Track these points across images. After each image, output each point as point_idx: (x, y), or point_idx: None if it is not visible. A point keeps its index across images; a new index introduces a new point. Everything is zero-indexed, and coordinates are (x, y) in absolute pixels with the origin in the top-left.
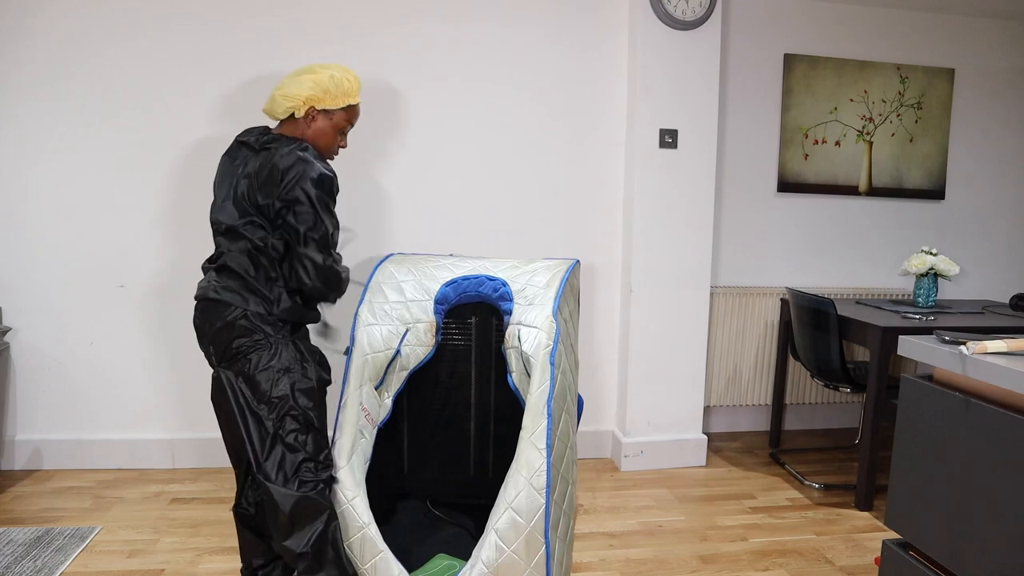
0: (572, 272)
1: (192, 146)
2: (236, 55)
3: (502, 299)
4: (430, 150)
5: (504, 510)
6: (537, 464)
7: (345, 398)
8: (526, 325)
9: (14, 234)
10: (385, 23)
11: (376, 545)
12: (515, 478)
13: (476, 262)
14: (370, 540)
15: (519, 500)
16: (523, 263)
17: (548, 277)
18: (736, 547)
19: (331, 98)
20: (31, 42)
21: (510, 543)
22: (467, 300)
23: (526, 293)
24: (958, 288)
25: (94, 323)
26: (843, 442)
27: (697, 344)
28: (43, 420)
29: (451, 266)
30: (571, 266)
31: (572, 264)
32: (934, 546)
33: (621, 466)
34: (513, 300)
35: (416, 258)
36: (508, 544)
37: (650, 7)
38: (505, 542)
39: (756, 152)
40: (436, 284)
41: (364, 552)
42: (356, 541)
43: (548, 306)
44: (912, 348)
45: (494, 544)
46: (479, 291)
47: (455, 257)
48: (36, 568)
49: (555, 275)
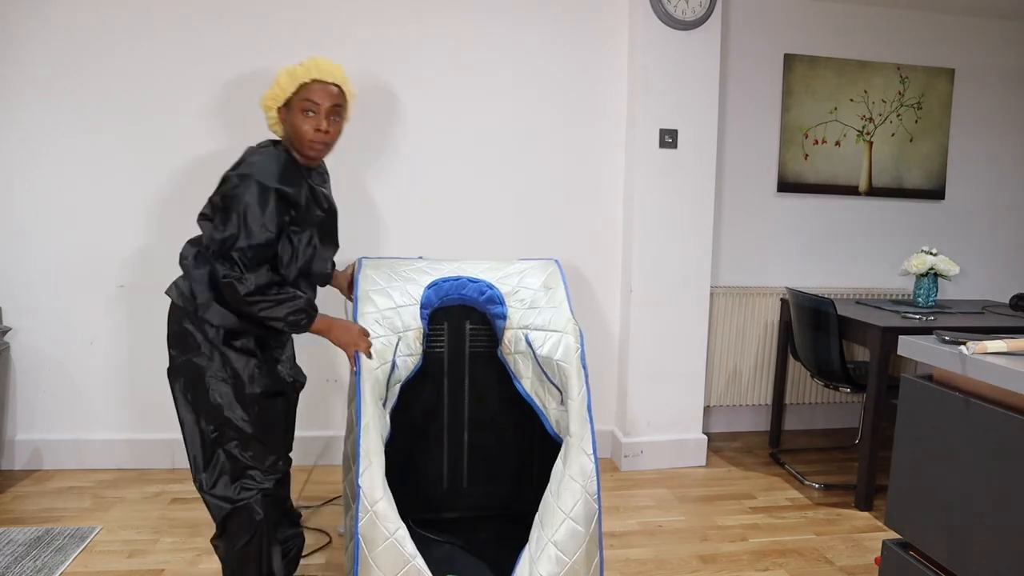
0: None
1: (193, 146)
2: (236, 56)
3: (490, 302)
4: (428, 150)
5: (563, 520)
6: (589, 470)
7: (365, 422)
8: (538, 329)
9: (14, 234)
10: (384, 22)
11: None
12: (570, 487)
13: (451, 264)
14: (418, 572)
15: (577, 509)
16: (502, 264)
17: (542, 278)
18: (736, 547)
19: (283, 89)
20: (33, 44)
21: (571, 553)
22: (449, 303)
23: (521, 296)
24: (958, 288)
25: (94, 323)
26: (843, 442)
27: (697, 344)
28: (43, 420)
29: (427, 269)
30: (559, 267)
31: (557, 264)
32: (934, 546)
33: (621, 466)
34: (505, 303)
35: (391, 262)
36: (569, 555)
37: (650, 7)
38: (566, 553)
39: (756, 152)
40: (419, 288)
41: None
42: (404, 575)
43: (564, 308)
44: (912, 348)
45: (554, 557)
46: (462, 294)
47: (427, 260)
48: (36, 568)
49: (550, 276)
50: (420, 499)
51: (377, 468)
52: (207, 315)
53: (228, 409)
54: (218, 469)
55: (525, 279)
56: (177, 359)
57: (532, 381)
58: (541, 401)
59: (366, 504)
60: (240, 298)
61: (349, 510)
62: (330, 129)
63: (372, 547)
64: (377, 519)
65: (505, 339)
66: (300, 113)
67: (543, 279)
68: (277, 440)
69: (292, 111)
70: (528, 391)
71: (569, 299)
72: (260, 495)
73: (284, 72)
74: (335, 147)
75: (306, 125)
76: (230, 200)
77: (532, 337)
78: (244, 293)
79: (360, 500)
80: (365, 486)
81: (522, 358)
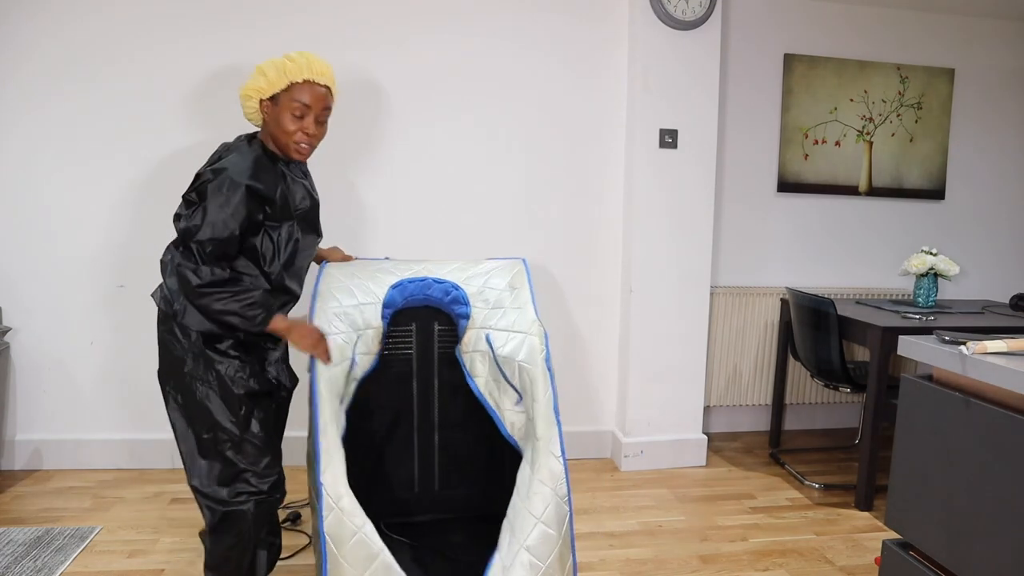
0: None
1: (193, 147)
2: (237, 57)
3: (455, 303)
4: (424, 150)
5: (534, 525)
6: (559, 472)
7: (322, 422)
8: (501, 329)
9: (15, 234)
10: (383, 21)
11: (393, 570)
12: (540, 490)
13: (418, 264)
14: (386, 566)
15: (548, 512)
16: (470, 264)
17: (508, 279)
18: (736, 547)
19: (270, 83)
20: (34, 45)
21: (544, 558)
22: (413, 304)
23: (486, 296)
24: (958, 288)
25: (94, 323)
26: (843, 442)
27: (697, 344)
28: (43, 420)
29: (392, 269)
30: (526, 266)
31: (524, 263)
32: (934, 546)
33: (621, 466)
34: (470, 304)
35: (357, 263)
36: (543, 559)
37: (650, 7)
38: (540, 558)
39: (756, 152)
40: (383, 288)
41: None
42: (374, 570)
43: (528, 309)
44: (912, 348)
45: (528, 563)
46: (427, 294)
47: (393, 261)
48: (36, 568)
49: (516, 276)
50: (391, 502)
51: (338, 465)
52: (185, 320)
53: (217, 412)
54: (212, 472)
55: (491, 279)
56: (164, 363)
57: (487, 380)
58: (495, 401)
59: (330, 502)
60: (192, 289)
61: (314, 509)
62: (317, 132)
63: (340, 544)
64: (343, 515)
65: (465, 338)
66: (287, 112)
67: (509, 279)
68: (269, 442)
69: (278, 107)
70: (482, 390)
71: (534, 299)
72: (254, 500)
73: (272, 65)
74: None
75: (293, 126)
76: (200, 195)
77: (493, 337)
78: (195, 284)
79: (323, 498)
80: (327, 484)
81: (480, 356)
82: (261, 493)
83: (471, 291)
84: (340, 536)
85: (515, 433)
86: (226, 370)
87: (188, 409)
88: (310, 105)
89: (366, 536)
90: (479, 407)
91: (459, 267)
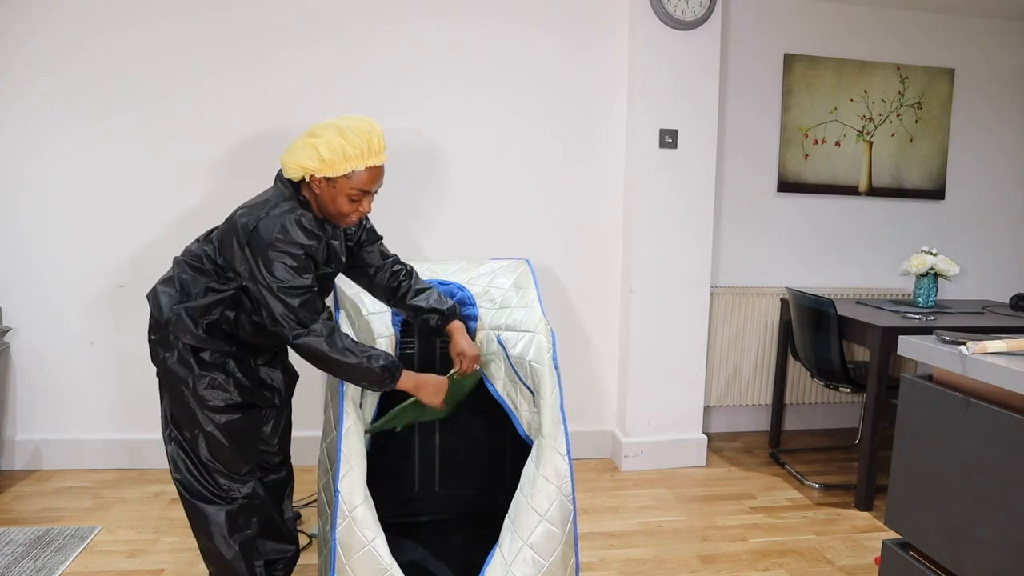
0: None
1: (193, 146)
2: (237, 52)
3: (461, 304)
4: (424, 150)
5: (538, 522)
6: (564, 471)
7: (347, 426)
8: (510, 329)
9: (14, 234)
10: (381, 20)
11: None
12: (544, 488)
13: (421, 266)
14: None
15: (553, 510)
16: (472, 265)
17: (513, 278)
18: (736, 547)
19: (327, 166)
20: (33, 44)
21: (548, 555)
22: None
23: (492, 296)
24: (958, 288)
25: (94, 323)
26: (843, 442)
27: (697, 344)
28: (43, 420)
29: None
30: (530, 266)
31: (528, 264)
32: (934, 546)
33: (621, 466)
34: (476, 304)
35: None
36: (546, 557)
37: (650, 7)
38: (542, 555)
39: (756, 152)
40: None
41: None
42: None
43: (535, 308)
44: (912, 348)
45: (531, 560)
46: None
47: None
48: (36, 568)
49: (521, 275)
50: (392, 502)
51: (357, 473)
52: (173, 329)
53: (200, 415)
54: (192, 472)
55: (496, 279)
56: (157, 363)
57: (504, 383)
58: (513, 403)
59: (344, 510)
60: (324, 354)
61: (324, 514)
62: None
63: (349, 554)
64: (355, 526)
65: (476, 341)
66: (344, 196)
67: (514, 279)
68: (250, 449)
69: (334, 189)
70: (500, 393)
71: (540, 298)
72: (236, 503)
73: (328, 147)
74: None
75: (349, 208)
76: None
77: (504, 338)
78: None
79: (339, 505)
80: (344, 491)
81: (494, 359)
82: (241, 497)
83: (476, 291)
84: (350, 545)
85: (532, 434)
86: (213, 378)
87: (175, 407)
88: (370, 191)
89: (375, 551)
90: (479, 407)
91: (462, 267)
